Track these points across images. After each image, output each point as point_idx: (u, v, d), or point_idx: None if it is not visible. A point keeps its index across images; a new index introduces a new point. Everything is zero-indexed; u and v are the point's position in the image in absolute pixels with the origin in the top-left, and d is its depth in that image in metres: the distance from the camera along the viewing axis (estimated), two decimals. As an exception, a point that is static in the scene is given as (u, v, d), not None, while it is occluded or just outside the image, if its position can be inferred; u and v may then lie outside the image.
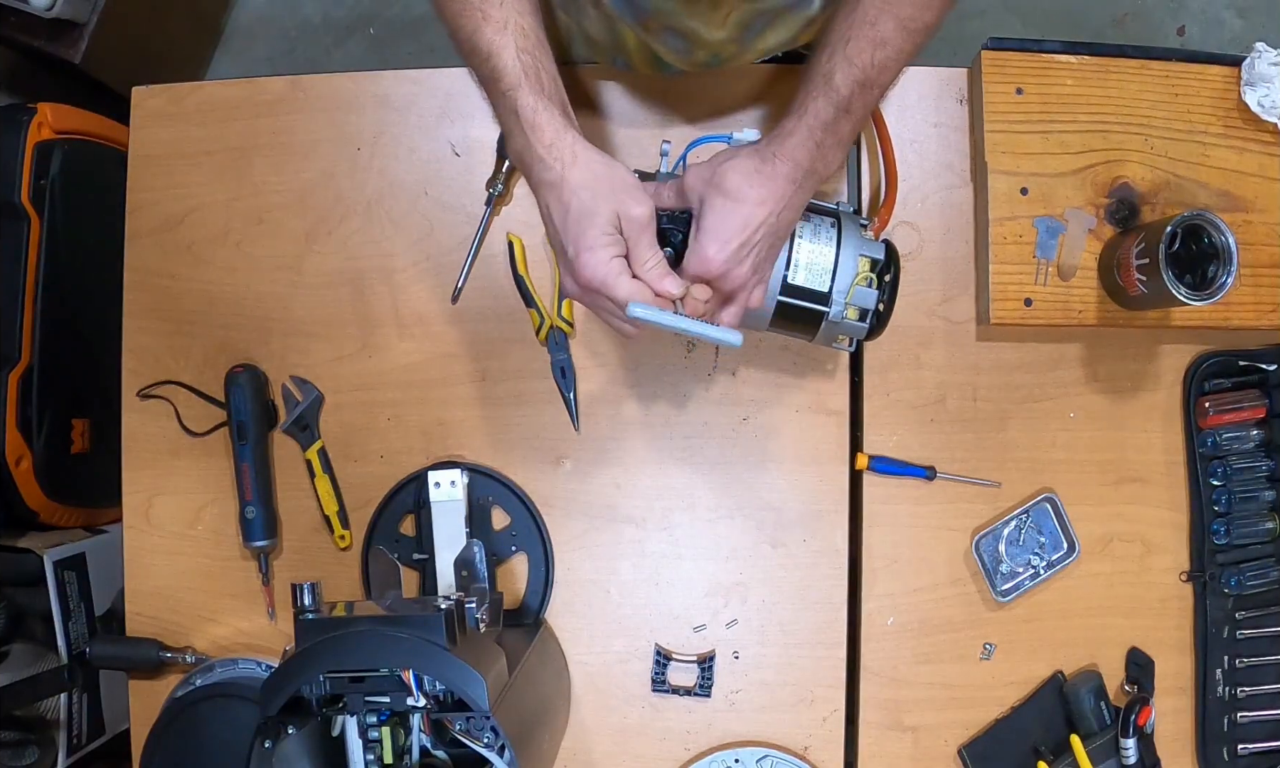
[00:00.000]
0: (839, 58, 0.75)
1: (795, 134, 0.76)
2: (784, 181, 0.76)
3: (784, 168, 0.75)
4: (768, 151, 0.76)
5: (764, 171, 0.75)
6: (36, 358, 1.40)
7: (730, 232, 0.75)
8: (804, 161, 0.76)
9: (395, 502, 1.03)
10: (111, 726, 1.41)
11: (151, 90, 1.08)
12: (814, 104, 0.75)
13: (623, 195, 0.73)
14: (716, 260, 0.75)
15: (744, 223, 0.75)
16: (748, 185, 0.75)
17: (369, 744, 0.80)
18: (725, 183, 0.75)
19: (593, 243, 0.73)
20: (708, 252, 0.75)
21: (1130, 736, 0.98)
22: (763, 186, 0.75)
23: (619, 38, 0.98)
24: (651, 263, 0.74)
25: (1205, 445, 1.05)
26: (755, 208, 0.75)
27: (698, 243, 0.76)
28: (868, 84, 0.75)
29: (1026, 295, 1.01)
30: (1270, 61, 1.03)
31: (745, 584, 1.04)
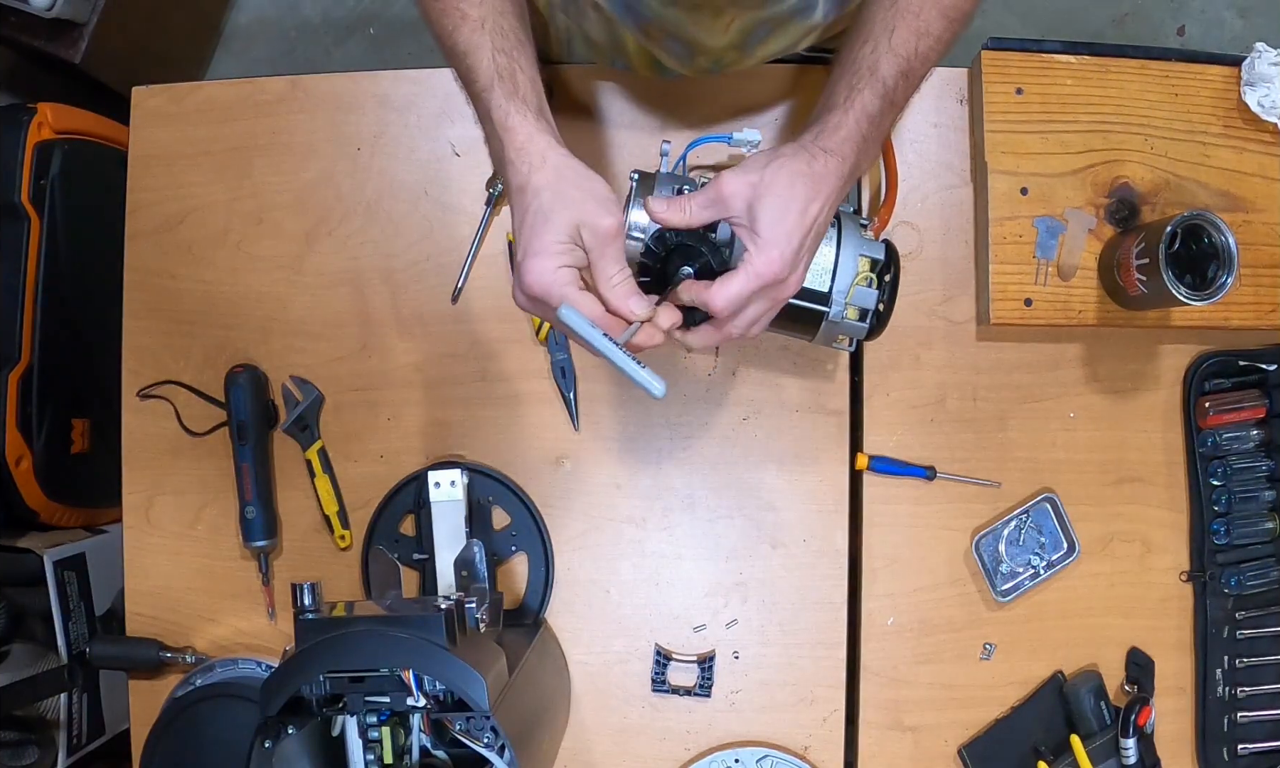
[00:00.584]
0: (883, 47, 0.74)
1: (843, 128, 0.74)
2: (834, 178, 0.74)
3: (834, 163, 0.74)
4: (815, 148, 0.74)
5: (815, 169, 0.73)
6: (36, 358, 1.40)
7: (789, 231, 0.73)
8: (850, 156, 0.74)
9: (395, 502, 1.03)
10: (111, 726, 1.41)
11: (151, 90, 1.08)
12: (859, 97, 0.74)
13: (590, 205, 0.70)
14: (781, 262, 0.73)
15: (799, 222, 0.73)
16: (801, 184, 0.73)
17: (369, 744, 0.80)
18: (777, 184, 0.73)
19: (541, 249, 0.70)
20: (772, 256, 0.72)
21: (1130, 736, 0.98)
22: (815, 184, 0.73)
23: (619, 41, 0.98)
24: (617, 280, 0.71)
25: (1205, 445, 1.05)
26: (808, 205, 0.73)
27: (759, 250, 0.73)
28: (910, 74, 0.74)
29: (1026, 295, 1.01)
30: (1270, 61, 1.03)
31: (745, 584, 1.04)
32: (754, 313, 0.75)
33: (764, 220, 0.73)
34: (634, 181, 0.91)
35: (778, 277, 0.73)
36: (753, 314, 0.75)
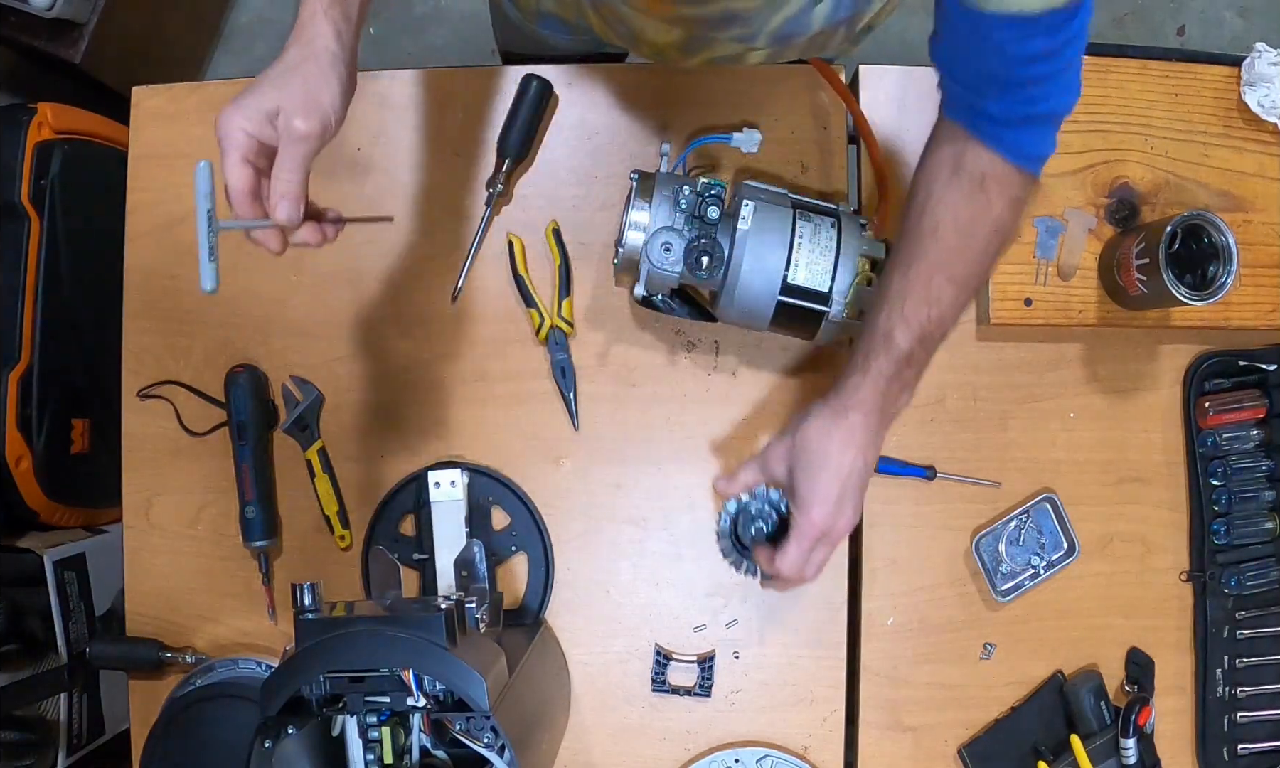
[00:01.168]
0: (896, 316, 0.79)
1: (862, 389, 0.81)
2: (860, 431, 0.81)
3: (857, 418, 0.81)
4: (839, 406, 0.82)
5: (840, 427, 0.81)
6: (36, 358, 1.40)
7: (825, 490, 0.81)
8: (874, 410, 0.81)
9: (395, 502, 1.03)
10: (111, 726, 1.41)
11: (151, 90, 1.08)
12: (876, 362, 0.80)
13: (301, 99, 0.70)
14: (823, 519, 0.81)
15: (834, 477, 0.81)
16: (828, 442, 0.81)
17: (369, 744, 0.80)
18: (807, 446, 0.82)
19: (244, 105, 0.70)
20: (813, 516, 0.82)
21: (1130, 736, 0.98)
22: (842, 439, 0.81)
23: (581, 6, 0.98)
24: (285, 180, 0.71)
25: (1205, 445, 1.05)
26: (841, 462, 0.81)
27: (801, 513, 0.82)
28: (926, 337, 0.80)
29: (1026, 295, 1.01)
30: (1270, 61, 1.03)
31: (745, 584, 1.04)
32: (817, 559, 0.84)
33: (802, 482, 0.82)
34: (634, 182, 0.92)
35: (823, 532, 0.82)
36: (817, 561, 0.84)
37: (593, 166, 1.06)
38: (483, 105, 1.06)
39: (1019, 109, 0.75)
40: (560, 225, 1.05)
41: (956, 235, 0.78)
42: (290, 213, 0.71)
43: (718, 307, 0.94)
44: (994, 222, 0.78)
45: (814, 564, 0.84)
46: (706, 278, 0.89)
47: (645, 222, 0.90)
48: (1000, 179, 0.77)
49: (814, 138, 1.06)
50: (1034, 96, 0.74)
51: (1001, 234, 0.79)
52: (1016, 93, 0.74)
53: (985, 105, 0.75)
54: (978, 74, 0.75)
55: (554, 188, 1.06)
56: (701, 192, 0.90)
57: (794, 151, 1.06)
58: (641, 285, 0.92)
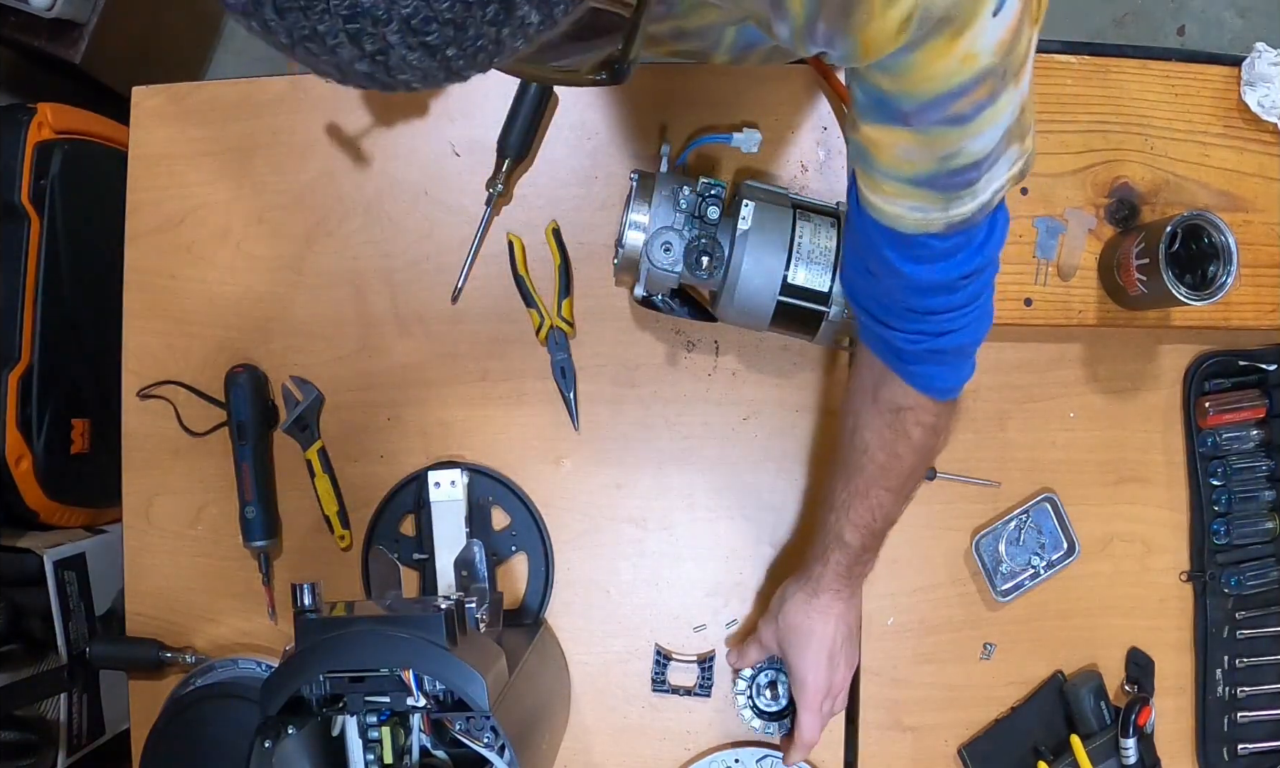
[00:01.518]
0: (845, 521, 0.86)
1: (825, 576, 0.89)
2: (834, 603, 0.90)
3: (828, 597, 0.90)
4: (810, 589, 0.90)
5: (815, 606, 0.90)
6: (36, 358, 1.40)
7: (815, 661, 0.91)
8: (844, 585, 0.90)
9: (395, 502, 1.03)
10: (111, 726, 1.41)
11: (151, 90, 1.08)
12: (834, 555, 0.88)
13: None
14: (819, 685, 0.91)
15: (821, 648, 0.91)
16: (806, 617, 0.91)
17: (369, 744, 0.80)
18: (791, 627, 0.91)
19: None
20: (809, 684, 0.91)
21: (1130, 736, 0.98)
22: (820, 615, 0.90)
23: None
24: None
25: (1205, 445, 1.05)
26: (824, 632, 0.91)
27: (801, 689, 0.92)
28: (876, 534, 0.87)
29: (1026, 295, 1.01)
30: (1270, 61, 1.03)
31: (745, 584, 1.04)
32: (825, 720, 0.94)
33: (794, 661, 0.92)
34: (634, 182, 0.92)
35: (825, 695, 0.92)
36: (824, 722, 0.94)
37: (593, 166, 1.06)
38: (483, 105, 1.06)
39: (924, 342, 0.74)
40: (560, 225, 1.05)
41: (885, 455, 0.82)
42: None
43: (718, 307, 0.94)
44: (914, 448, 0.82)
45: (821, 728, 0.94)
46: (706, 278, 0.89)
47: (645, 222, 0.90)
48: (914, 410, 0.79)
49: (814, 138, 1.06)
50: (938, 328, 0.73)
51: (924, 453, 0.83)
52: (919, 323, 0.73)
53: (892, 338, 0.75)
54: (878, 300, 0.75)
55: (554, 188, 1.06)
56: (701, 191, 0.90)
57: (794, 151, 1.06)
58: (641, 285, 0.92)
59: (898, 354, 0.76)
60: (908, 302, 0.73)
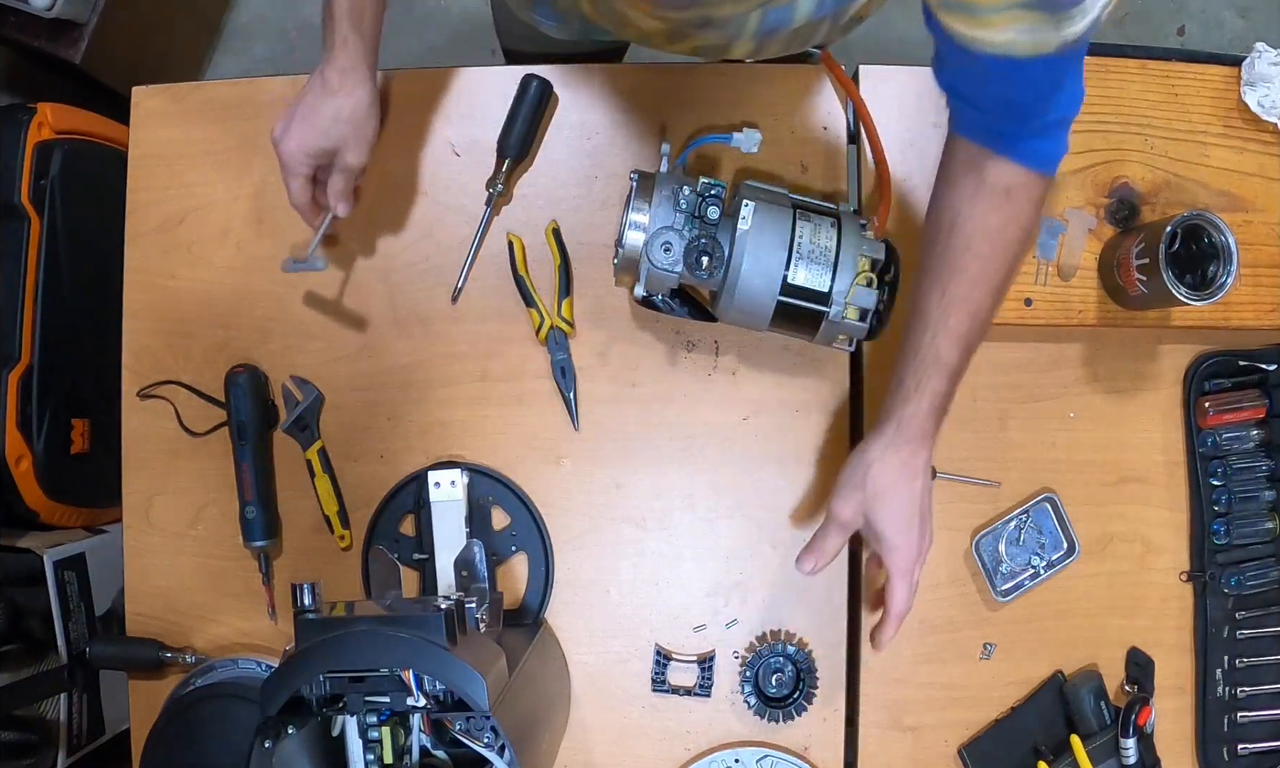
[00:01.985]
0: (943, 335, 0.82)
1: (918, 415, 0.84)
2: (919, 457, 0.86)
3: (917, 446, 0.86)
4: (899, 442, 0.85)
5: (903, 459, 0.85)
6: (36, 358, 1.40)
7: (908, 524, 0.86)
8: (930, 433, 0.86)
9: (395, 502, 1.03)
10: (111, 726, 1.41)
11: (151, 90, 1.08)
12: (930, 383, 0.83)
13: (351, 142, 0.93)
14: (912, 551, 0.87)
15: (911, 510, 0.86)
16: (895, 476, 0.85)
17: (369, 744, 0.80)
18: (879, 490, 0.86)
19: (303, 144, 0.92)
20: (903, 550, 0.86)
21: (1130, 736, 0.98)
22: (910, 472, 0.86)
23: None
24: (338, 187, 0.95)
25: (1205, 445, 1.05)
26: (909, 491, 0.86)
27: (893, 554, 0.87)
28: (970, 347, 0.84)
29: (1026, 295, 1.01)
30: (1270, 61, 1.03)
31: (745, 584, 1.04)
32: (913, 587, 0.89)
33: (885, 527, 0.86)
34: (634, 182, 0.92)
35: (918, 560, 0.88)
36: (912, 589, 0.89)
37: (593, 166, 1.06)
38: (483, 105, 1.06)
39: (1031, 122, 0.77)
40: (560, 225, 1.05)
41: (989, 245, 0.80)
42: (347, 210, 0.97)
43: (718, 307, 0.94)
44: (1022, 227, 0.81)
45: (911, 596, 0.89)
46: (706, 278, 0.89)
47: (645, 222, 0.90)
48: (1024, 186, 0.80)
49: (814, 138, 1.06)
50: (1043, 109, 0.77)
51: (1028, 235, 0.82)
52: (1026, 110, 0.76)
53: (998, 124, 0.77)
54: (985, 98, 0.77)
55: (554, 188, 1.06)
56: (701, 191, 0.90)
57: (794, 151, 1.06)
58: (641, 285, 0.92)
59: (1005, 135, 0.78)
60: (1016, 96, 0.75)
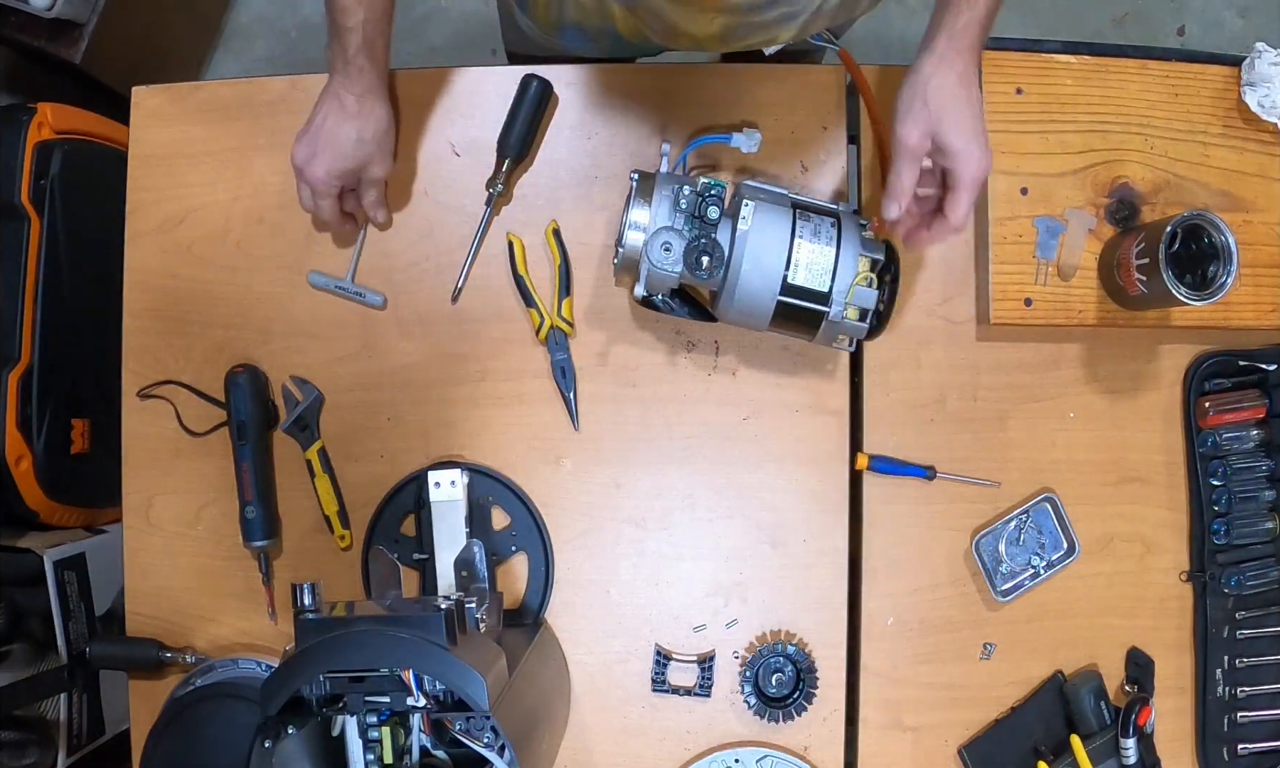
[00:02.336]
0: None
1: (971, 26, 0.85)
2: (973, 67, 0.86)
3: (969, 58, 0.86)
4: (951, 53, 0.85)
5: (964, 72, 0.86)
6: (36, 358, 1.40)
7: (975, 131, 0.86)
8: (978, 45, 0.87)
9: (395, 502, 1.03)
10: (111, 726, 1.41)
11: (151, 90, 1.08)
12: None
13: (376, 158, 0.98)
14: (983, 162, 0.86)
15: (975, 117, 0.86)
16: (959, 88, 0.85)
17: (369, 744, 0.80)
18: (943, 102, 0.85)
19: (330, 169, 0.95)
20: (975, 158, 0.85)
21: (1130, 736, 0.98)
22: (968, 81, 0.86)
23: (606, 10, 0.99)
24: (372, 200, 1.02)
25: (1205, 445, 1.05)
26: (969, 99, 0.86)
27: (963, 163, 0.85)
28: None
29: (1026, 295, 1.01)
30: (1270, 61, 1.03)
31: (745, 584, 1.04)
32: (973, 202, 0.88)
33: (953, 138, 0.85)
34: (634, 182, 0.92)
35: (986, 169, 0.87)
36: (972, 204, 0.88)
37: (593, 167, 1.06)
38: (483, 105, 1.06)
39: None
40: (560, 225, 1.05)
41: None
42: (386, 216, 1.04)
43: (718, 307, 0.94)
44: None
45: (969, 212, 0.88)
46: (706, 278, 0.89)
47: (645, 222, 0.90)
48: None
49: (814, 138, 1.06)
50: None
51: None
52: None
53: None
54: None
55: (554, 188, 1.06)
56: (701, 192, 0.90)
57: (794, 151, 1.06)
58: (641, 285, 0.92)
59: None
60: None
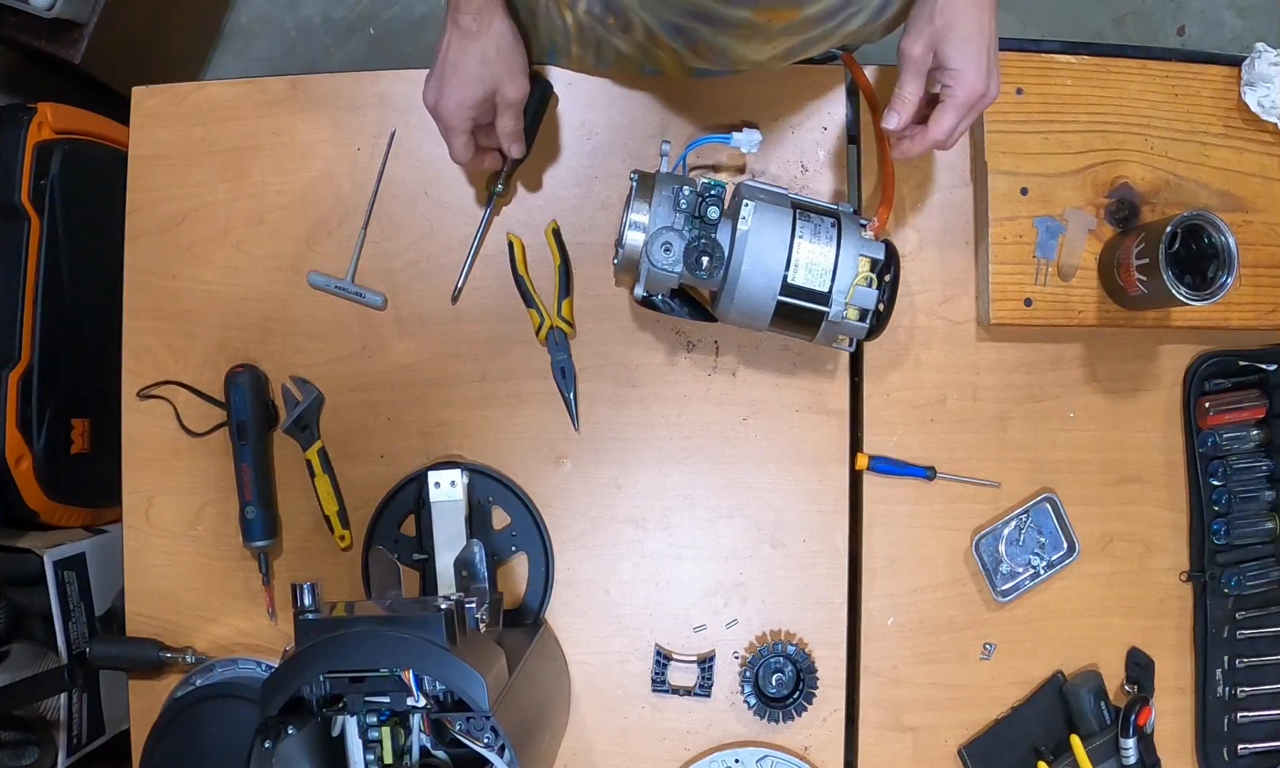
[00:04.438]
0: None
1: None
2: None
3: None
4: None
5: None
6: (36, 358, 1.40)
7: (978, 56, 0.84)
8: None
9: (395, 502, 1.03)
10: (111, 726, 1.41)
11: (151, 90, 1.08)
12: None
13: (506, 78, 0.91)
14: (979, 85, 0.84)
15: (983, 43, 0.84)
16: (969, 7, 0.83)
17: (369, 744, 0.80)
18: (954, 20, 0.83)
19: (461, 100, 0.90)
20: (972, 83, 0.84)
21: (1130, 736, 0.98)
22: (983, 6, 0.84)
23: (653, 57, 1.00)
24: (509, 128, 0.95)
25: (1205, 445, 1.05)
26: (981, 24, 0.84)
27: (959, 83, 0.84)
28: None
29: (1026, 295, 1.01)
30: (1270, 61, 1.03)
31: (745, 584, 1.04)
32: (963, 127, 0.88)
33: (953, 55, 0.84)
34: (634, 182, 0.92)
35: (980, 95, 0.85)
36: (962, 128, 0.88)
37: (593, 167, 1.06)
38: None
39: None
40: (560, 225, 1.05)
41: None
42: (520, 151, 0.98)
43: (718, 307, 0.94)
44: None
45: (961, 131, 0.88)
46: (706, 278, 0.89)
47: (645, 222, 0.90)
48: None
49: (814, 138, 1.06)
50: None
51: None
52: None
53: None
54: None
55: (554, 188, 1.06)
56: (701, 192, 0.90)
57: (794, 152, 1.06)
58: (641, 285, 0.92)
59: None
60: None
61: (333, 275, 1.05)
